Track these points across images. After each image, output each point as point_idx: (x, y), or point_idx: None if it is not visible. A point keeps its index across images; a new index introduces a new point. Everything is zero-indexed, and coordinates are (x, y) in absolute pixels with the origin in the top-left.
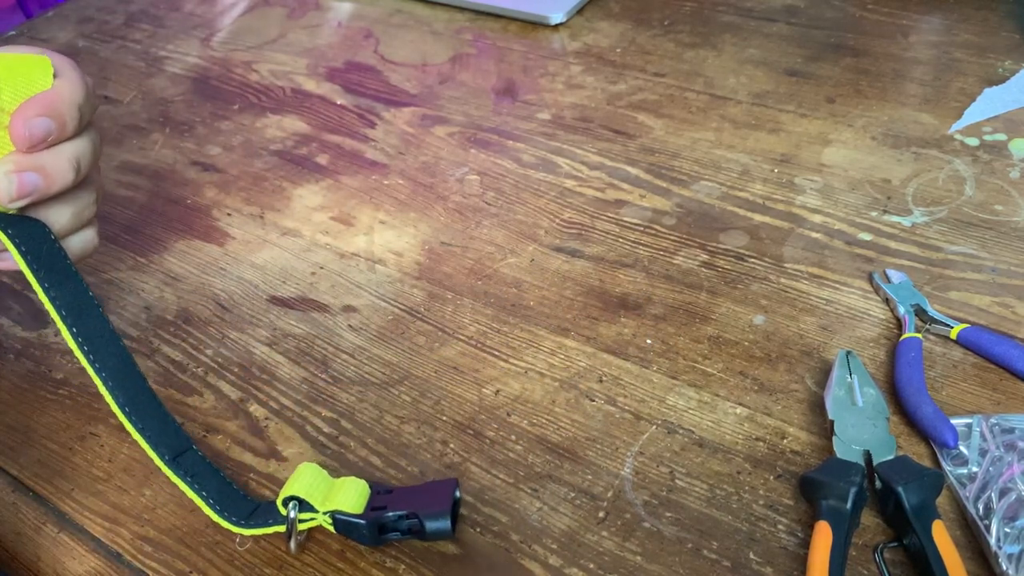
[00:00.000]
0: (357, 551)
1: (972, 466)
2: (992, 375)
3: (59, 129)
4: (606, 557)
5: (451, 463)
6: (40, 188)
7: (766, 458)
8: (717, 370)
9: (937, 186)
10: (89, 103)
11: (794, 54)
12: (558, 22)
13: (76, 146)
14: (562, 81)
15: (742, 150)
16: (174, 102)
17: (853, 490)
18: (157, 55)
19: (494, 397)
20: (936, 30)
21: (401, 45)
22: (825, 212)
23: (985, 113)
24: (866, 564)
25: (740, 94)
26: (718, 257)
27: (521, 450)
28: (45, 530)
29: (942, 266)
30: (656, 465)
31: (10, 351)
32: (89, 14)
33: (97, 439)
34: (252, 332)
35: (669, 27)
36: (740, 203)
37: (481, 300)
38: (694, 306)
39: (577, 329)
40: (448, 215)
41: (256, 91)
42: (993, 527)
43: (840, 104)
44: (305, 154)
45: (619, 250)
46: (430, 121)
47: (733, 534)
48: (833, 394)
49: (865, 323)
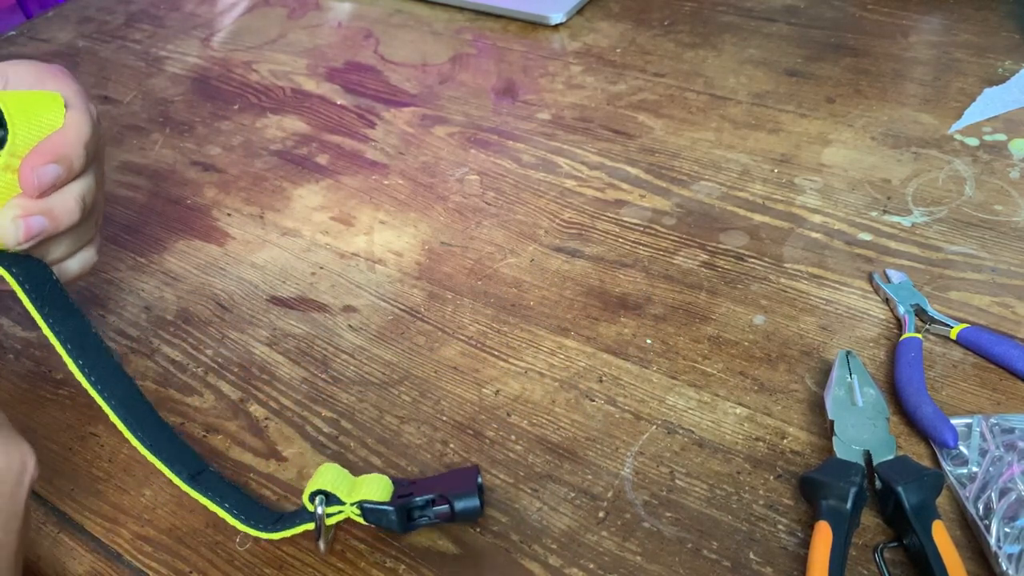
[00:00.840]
0: (357, 551)
1: (972, 466)
2: (992, 375)
3: (67, 172)
4: (606, 557)
5: (451, 463)
6: (47, 230)
7: (766, 458)
8: (717, 370)
9: (937, 186)
10: (95, 138)
11: (794, 54)
12: (558, 22)
13: (82, 184)
14: (562, 81)
15: (742, 150)
16: (174, 102)
17: (853, 490)
18: (157, 55)
19: (494, 397)
20: (936, 30)
21: (401, 45)
22: (825, 212)
23: (985, 113)
24: (866, 564)
25: (740, 94)
26: (718, 257)
27: (521, 450)
28: (45, 530)
29: (942, 266)
30: (656, 465)
31: (10, 351)
32: (89, 14)
33: (97, 439)
34: (252, 332)
35: (669, 27)
36: (740, 203)
37: (481, 300)
38: (694, 306)
39: (577, 329)
40: (448, 215)
41: (256, 91)
42: (993, 527)
43: (840, 104)
44: (305, 154)
45: (619, 250)
46: (430, 121)
47: (733, 534)
48: (833, 394)
49: (865, 323)
